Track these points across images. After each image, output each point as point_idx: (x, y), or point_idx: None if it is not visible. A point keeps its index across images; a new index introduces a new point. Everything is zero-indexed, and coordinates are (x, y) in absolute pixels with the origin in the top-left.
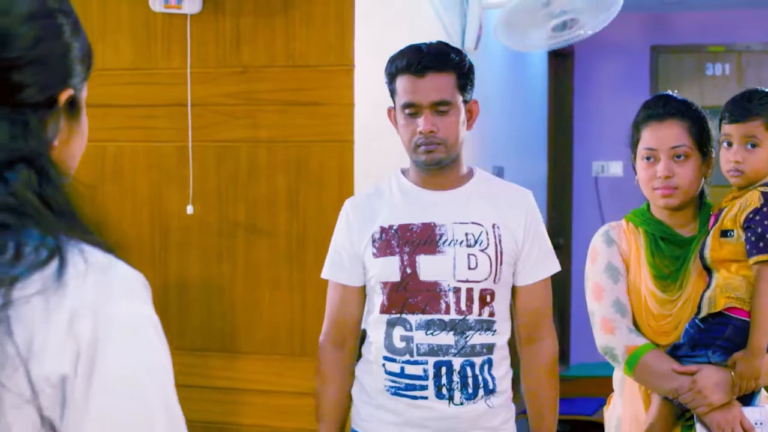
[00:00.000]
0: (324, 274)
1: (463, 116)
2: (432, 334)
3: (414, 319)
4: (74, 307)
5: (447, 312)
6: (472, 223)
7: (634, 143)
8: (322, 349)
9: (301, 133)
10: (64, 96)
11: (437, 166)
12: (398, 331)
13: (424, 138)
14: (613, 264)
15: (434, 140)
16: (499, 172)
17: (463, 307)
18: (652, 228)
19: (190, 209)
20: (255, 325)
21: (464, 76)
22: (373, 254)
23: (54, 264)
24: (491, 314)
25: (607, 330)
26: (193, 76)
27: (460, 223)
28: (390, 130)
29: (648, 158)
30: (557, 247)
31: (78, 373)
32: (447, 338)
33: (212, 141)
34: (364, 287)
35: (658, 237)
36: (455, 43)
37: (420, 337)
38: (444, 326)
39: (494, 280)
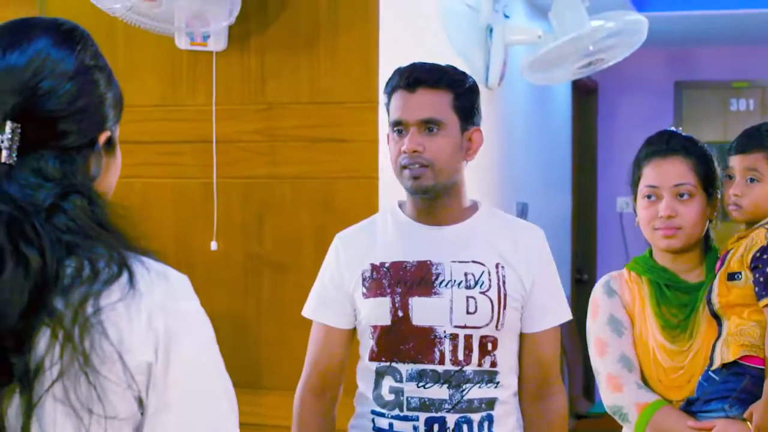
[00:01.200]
0: (307, 313)
1: (458, 142)
2: (424, 386)
3: (405, 368)
4: (149, 309)
5: (441, 362)
6: (473, 261)
7: (635, 182)
8: (300, 399)
9: (326, 170)
10: (102, 137)
11: (427, 195)
12: (387, 382)
13: (408, 158)
14: (615, 317)
15: (419, 161)
16: (524, 209)
17: (460, 356)
18: (656, 275)
19: (214, 245)
20: (280, 362)
21: (463, 97)
22: (363, 294)
23: (125, 275)
24: (493, 364)
25: (615, 387)
26: (219, 113)
27: (459, 262)
28: None
29: (649, 196)
30: (581, 283)
31: (158, 359)
32: (440, 392)
33: (237, 177)
34: (352, 330)
35: (662, 284)
36: (479, 80)
37: (411, 390)
38: (437, 378)
39: (497, 326)
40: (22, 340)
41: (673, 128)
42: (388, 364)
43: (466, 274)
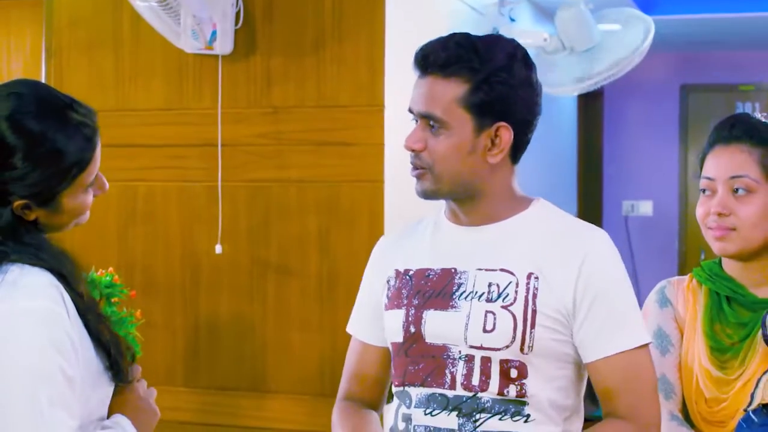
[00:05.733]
0: (348, 327)
1: (468, 144)
2: (431, 414)
3: (415, 392)
4: None
5: (452, 386)
6: (501, 270)
7: (700, 174)
8: (335, 407)
9: (332, 173)
10: (17, 205)
11: (435, 199)
12: (401, 409)
13: (410, 156)
14: (663, 331)
15: (418, 163)
16: None
17: (475, 381)
18: (718, 285)
19: (218, 249)
20: (285, 365)
21: (482, 89)
22: (385, 305)
23: None
24: (521, 395)
25: None
26: (224, 116)
27: (486, 270)
28: None
29: (704, 191)
30: None
31: None
32: (448, 420)
33: (242, 181)
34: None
35: (723, 297)
36: None
37: (418, 417)
38: (445, 404)
39: (522, 349)
40: None
41: (751, 112)
42: (401, 387)
43: (489, 285)
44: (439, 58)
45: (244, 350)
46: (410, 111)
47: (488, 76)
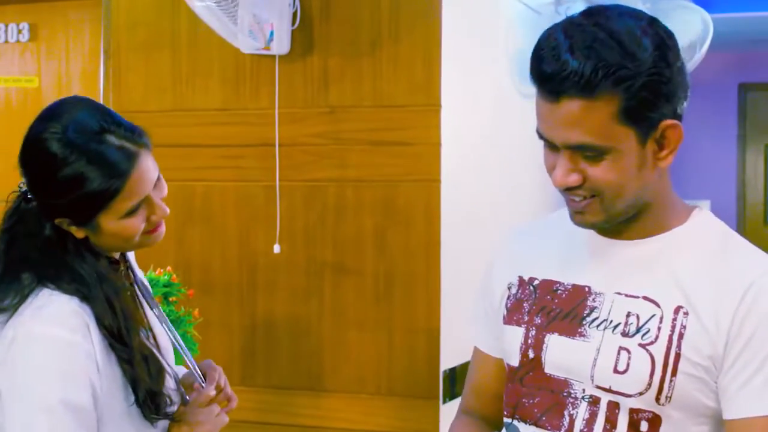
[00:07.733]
0: (470, 331)
1: (637, 158)
2: None
3: (525, 430)
4: (10, 326)
5: (569, 431)
6: (644, 298)
7: None
8: (453, 421)
9: (389, 173)
10: (59, 222)
11: (600, 228)
12: None
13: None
14: None
15: (580, 193)
16: None
17: (597, 429)
18: None
19: (276, 248)
20: (342, 364)
21: (639, 94)
22: (504, 318)
23: (17, 300)
24: None
25: None
26: (281, 116)
27: (626, 296)
28: (477, 170)
29: None
30: None
31: (3, 360)
32: None
33: (299, 180)
34: None
35: None
36: None
37: None
38: None
39: (658, 399)
40: None
41: None
42: (511, 420)
43: (628, 315)
44: (581, 76)
45: (300, 349)
46: (541, 137)
47: (647, 80)
